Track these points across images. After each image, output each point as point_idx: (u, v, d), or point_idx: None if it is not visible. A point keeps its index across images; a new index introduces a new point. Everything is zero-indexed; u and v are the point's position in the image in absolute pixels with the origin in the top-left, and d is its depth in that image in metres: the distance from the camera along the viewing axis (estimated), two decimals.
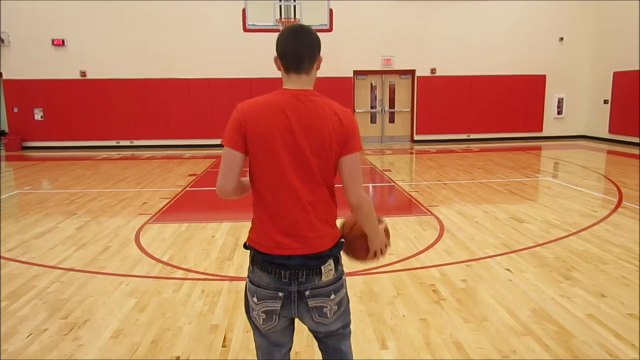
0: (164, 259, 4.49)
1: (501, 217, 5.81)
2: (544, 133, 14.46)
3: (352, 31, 12.59)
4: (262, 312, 1.80)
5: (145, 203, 6.80)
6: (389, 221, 5.57)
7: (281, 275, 1.76)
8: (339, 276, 1.86)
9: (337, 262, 1.85)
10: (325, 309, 1.82)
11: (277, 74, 1.81)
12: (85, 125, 13.37)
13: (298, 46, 1.75)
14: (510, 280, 3.90)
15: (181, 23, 13.02)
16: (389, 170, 9.40)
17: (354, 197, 1.76)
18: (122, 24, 13.01)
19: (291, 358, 2.02)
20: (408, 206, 6.67)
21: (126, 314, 3.39)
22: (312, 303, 1.79)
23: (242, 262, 4.40)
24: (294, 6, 9.20)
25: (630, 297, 3.54)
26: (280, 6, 9.22)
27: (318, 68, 1.81)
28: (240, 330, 3.14)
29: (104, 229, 5.51)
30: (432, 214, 6.02)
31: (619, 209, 6.07)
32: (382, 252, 1.94)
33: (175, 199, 7.12)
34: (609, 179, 8.16)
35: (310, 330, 1.92)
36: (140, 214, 6.16)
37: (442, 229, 5.36)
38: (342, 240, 1.89)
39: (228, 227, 5.55)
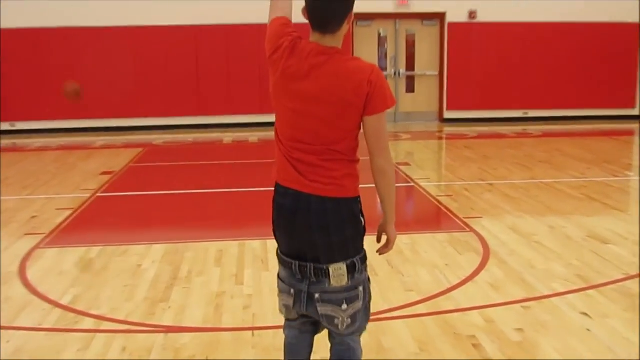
0: (64, 302, 4.46)
1: (575, 236, 5.87)
2: (639, 111, 14.65)
3: None
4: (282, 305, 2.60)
5: (34, 217, 6.78)
6: (407, 239, 5.61)
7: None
8: (355, 285, 2.40)
9: (354, 268, 2.39)
10: (336, 320, 2.43)
11: (232, 20, 1.85)
12: None
13: (326, 7, 2.27)
14: (588, 329, 3.93)
15: None
16: (407, 164, 9.47)
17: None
18: None
19: None
20: (435, 218, 6.73)
21: None
22: (322, 309, 2.41)
23: (183, 304, 4.38)
24: None
25: None
26: None
27: (349, 23, 2.34)
28: None
29: None
30: (471, 229, 6.07)
31: None
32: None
33: (81, 210, 7.09)
34: None
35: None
36: (27, 234, 6.13)
37: (486, 252, 5.41)
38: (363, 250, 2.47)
39: (162, 251, 5.53)
